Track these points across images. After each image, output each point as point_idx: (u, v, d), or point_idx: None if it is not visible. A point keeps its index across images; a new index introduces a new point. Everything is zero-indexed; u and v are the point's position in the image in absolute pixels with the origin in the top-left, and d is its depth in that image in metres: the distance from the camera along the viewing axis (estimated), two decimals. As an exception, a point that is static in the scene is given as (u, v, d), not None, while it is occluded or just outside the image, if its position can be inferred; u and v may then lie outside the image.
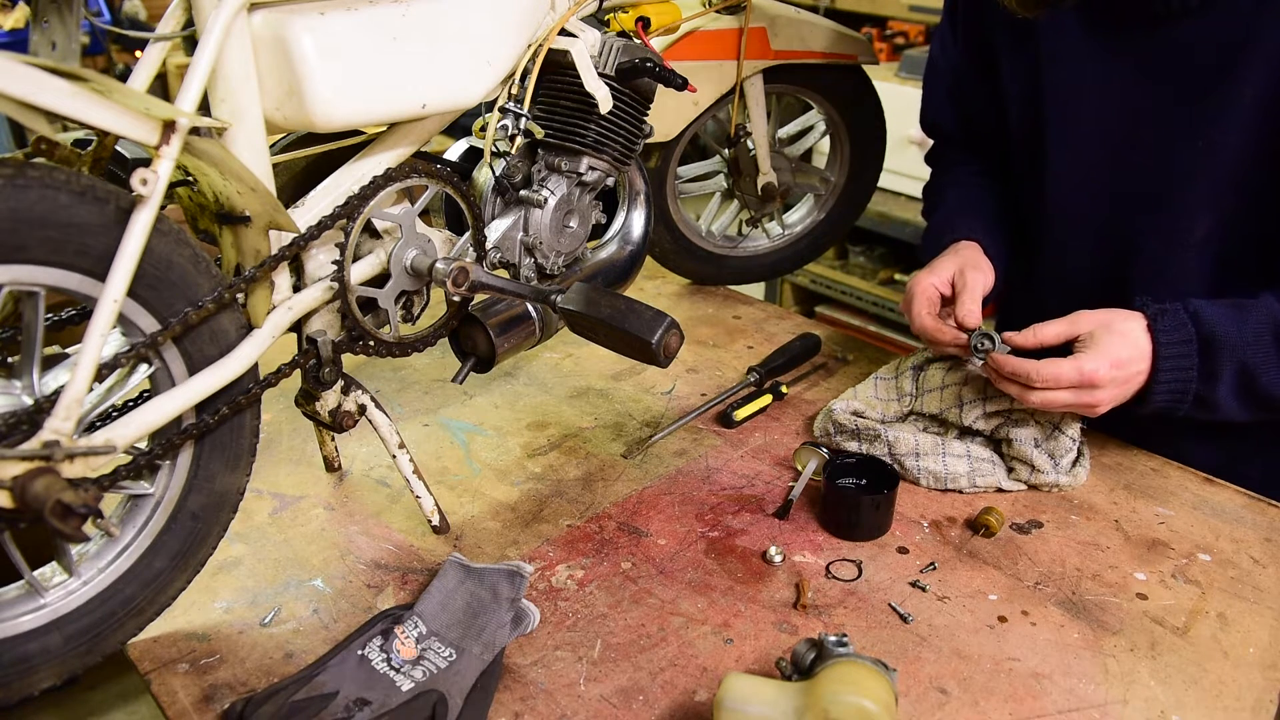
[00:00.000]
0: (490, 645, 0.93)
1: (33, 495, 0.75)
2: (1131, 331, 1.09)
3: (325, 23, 0.87)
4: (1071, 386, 1.08)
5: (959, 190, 1.44)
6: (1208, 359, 1.08)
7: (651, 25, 1.21)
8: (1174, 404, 1.11)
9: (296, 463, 1.24)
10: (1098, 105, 1.20)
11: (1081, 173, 1.24)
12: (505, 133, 1.05)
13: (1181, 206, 1.17)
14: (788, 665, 0.84)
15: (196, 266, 0.84)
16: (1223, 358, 1.08)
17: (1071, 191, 1.27)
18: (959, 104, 1.44)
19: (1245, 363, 1.08)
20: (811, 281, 3.30)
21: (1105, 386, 1.08)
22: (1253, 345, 1.08)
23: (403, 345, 1.05)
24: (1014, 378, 1.11)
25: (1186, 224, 1.17)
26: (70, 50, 0.90)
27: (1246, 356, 1.08)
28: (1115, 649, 0.95)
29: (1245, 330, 1.08)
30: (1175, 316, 1.10)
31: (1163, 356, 1.08)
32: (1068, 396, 1.09)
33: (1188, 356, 1.08)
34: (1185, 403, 1.11)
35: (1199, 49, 1.10)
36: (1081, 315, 1.12)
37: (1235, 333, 1.08)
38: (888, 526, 1.12)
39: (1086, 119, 1.22)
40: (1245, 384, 1.09)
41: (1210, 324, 1.08)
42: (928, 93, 1.50)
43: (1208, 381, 1.09)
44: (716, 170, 1.59)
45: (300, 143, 1.03)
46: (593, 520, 1.14)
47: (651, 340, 0.94)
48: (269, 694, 0.87)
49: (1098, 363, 1.07)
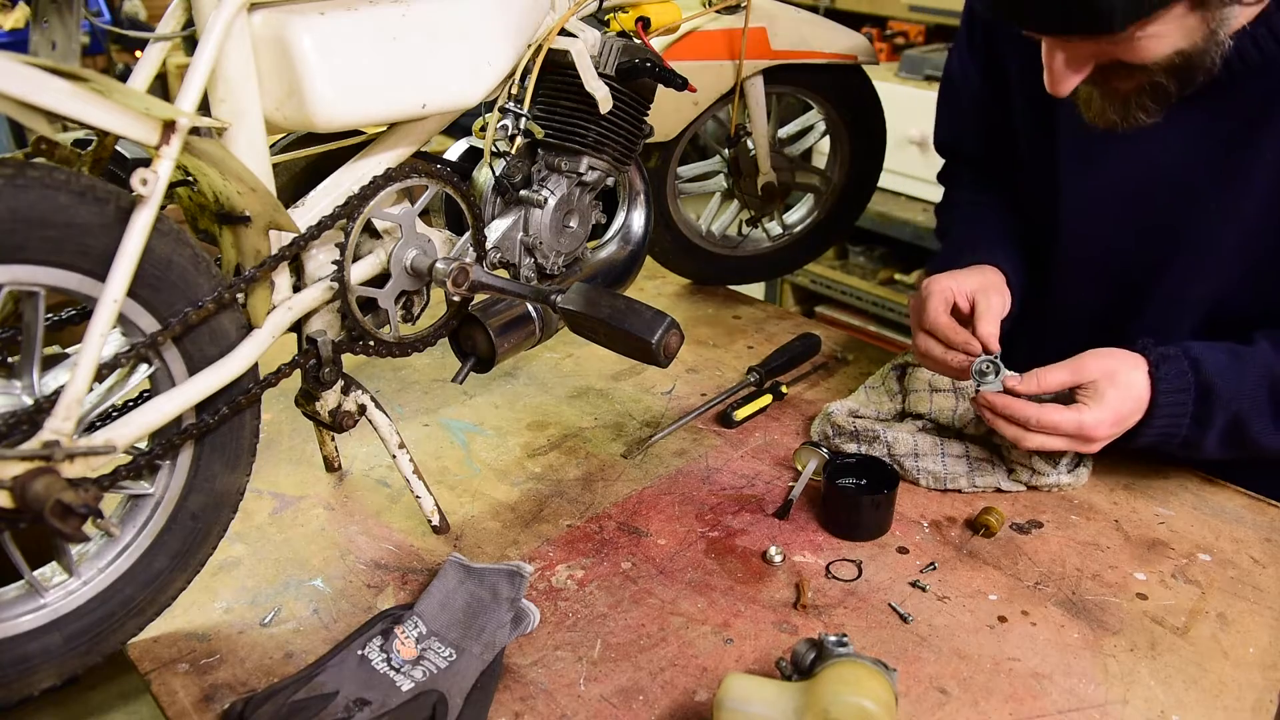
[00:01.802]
0: (490, 645, 0.93)
1: (33, 495, 0.75)
2: (1135, 384, 1.08)
3: (325, 23, 0.88)
4: (1068, 436, 1.08)
5: (977, 212, 1.40)
6: (1202, 407, 1.08)
7: (651, 25, 1.21)
8: (1161, 444, 1.11)
9: (296, 463, 1.24)
10: (1117, 161, 1.18)
11: (1096, 222, 1.22)
12: (505, 133, 1.05)
13: (1196, 265, 1.16)
14: (788, 665, 0.84)
15: (196, 266, 0.85)
16: (1217, 408, 1.07)
17: (1085, 239, 1.24)
18: (976, 125, 1.41)
19: (1238, 413, 1.08)
20: (811, 281, 3.30)
21: (1100, 439, 1.09)
22: (1248, 397, 1.08)
23: (403, 345, 1.05)
24: (1011, 420, 1.09)
25: (1199, 282, 1.16)
26: (70, 50, 0.90)
27: (1240, 408, 1.08)
28: (1115, 649, 0.95)
29: (1244, 381, 1.08)
30: (1177, 364, 1.08)
31: (1160, 404, 1.08)
32: (1062, 444, 1.09)
33: (1184, 405, 1.08)
34: (1173, 443, 1.11)
35: (1224, 114, 1.08)
36: (1085, 363, 1.09)
37: (1235, 385, 1.07)
38: (888, 526, 1.12)
39: (1103, 172, 1.20)
40: (1234, 432, 1.09)
41: (1210, 375, 1.08)
42: (944, 112, 1.47)
43: (1198, 427, 1.09)
44: (716, 170, 1.59)
45: (300, 143, 1.03)
46: (593, 520, 1.14)
47: (651, 340, 0.94)
48: (269, 694, 0.87)
49: (1100, 418, 1.06)
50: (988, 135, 1.38)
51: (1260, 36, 1.03)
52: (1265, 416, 1.08)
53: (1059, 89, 1.03)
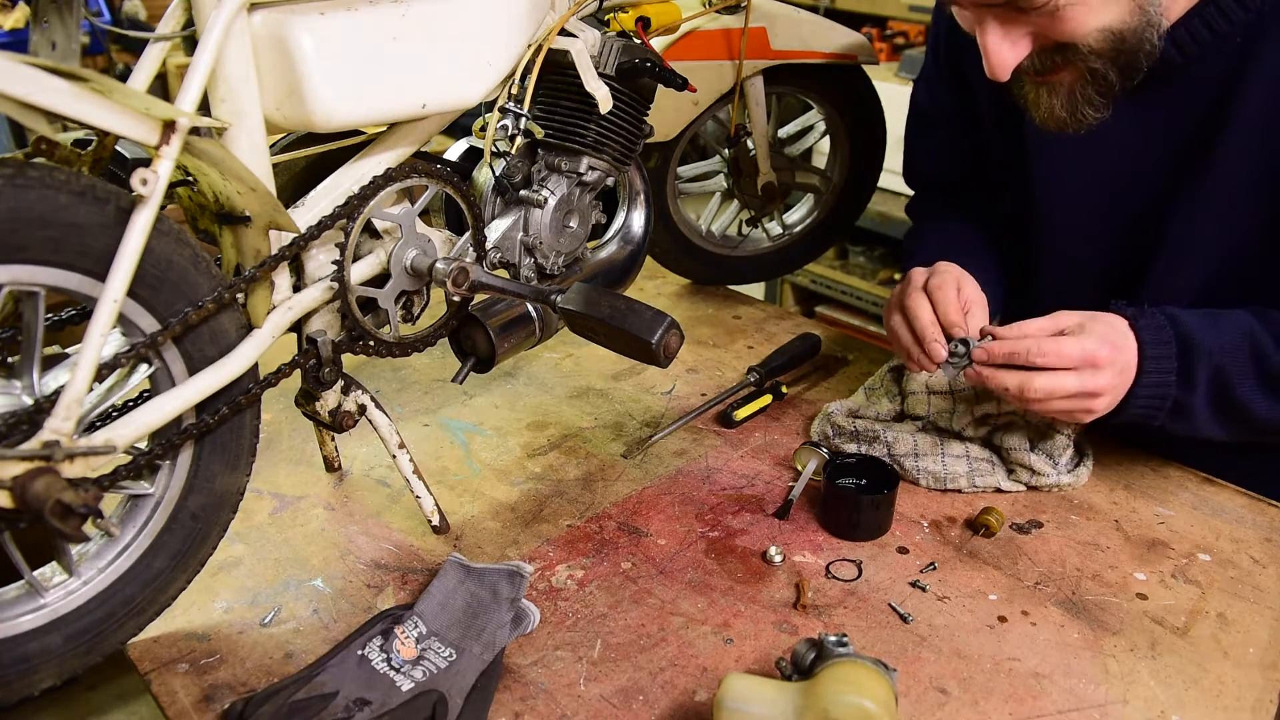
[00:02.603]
0: (490, 645, 0.93)
1: (33, 495, 0.75)
2: (1118, 323, 1.07)
3: (325, 23, 0.87)
4: (1075, 368, 1.03)
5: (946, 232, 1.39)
6: (1186, 361, 1.07)
7: (651, 25, 1.21)
8: (1153, 410, 1.09)
9: (296, 463, 1.24)
10: (1087, 165, 1.18)
11: (1074, 227, 1.22)
12: (505, 133, 1.04)
13: (1176, 261, 1.15)
14: (788, 665, 0.84)
15: (196, 266, 0.85)
16: (1199, 362, 1.06)
17: (1064, 246, 1.24)
18: (950, 149, 1.40)
19: (1220, 369, 1.06)
20: (811, 281, 3.30)
21: (1106, 369, 1.04)
22: (1229, 353, 1.06)
23: (403, 345, 1.05)
24: (1011, 360, 1.04)
25: (1182, 276, 1.16)
26: (70, 50, 0.90)
27: (1222, 363, 1.06)
28: (1115, 649, 0.95)
29: (1221, 336, 1.07)
30: (1154, 318, 1.08)
31: (1147, 356, 1.06)
32: (1072, 381, 1.03)
33: (1168, 359, 1.07)
34: (1163, 410, 1.09)
35: (1179, 109, 1.08)
36: (1062, 313, 1.08)
37: (1211, 338, 1.06)
38: (888, 526, 1.12)
39: (1075, 179, 1.19)
40: (1220, 393, 1.08)
41: (1186, 327, 1.07)
42: (914, 144, 1.47)
43: (1185, 387, 1.07)
44: (716, 170, 1.59)
45: (300, 143, 1.03)
46: (593, 520, 1.14)
47: (651, 340, 0.94)
48: (269, 694, 0.87)
49: (1098, 344, 1.04)
50: (962, 158, 1.38)
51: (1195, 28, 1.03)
52: (1249, 376, 1.07)
53: (998, 71, 1.02)
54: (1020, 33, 1.01)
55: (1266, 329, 1.08)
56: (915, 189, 1.53)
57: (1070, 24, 0.98)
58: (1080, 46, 1.00)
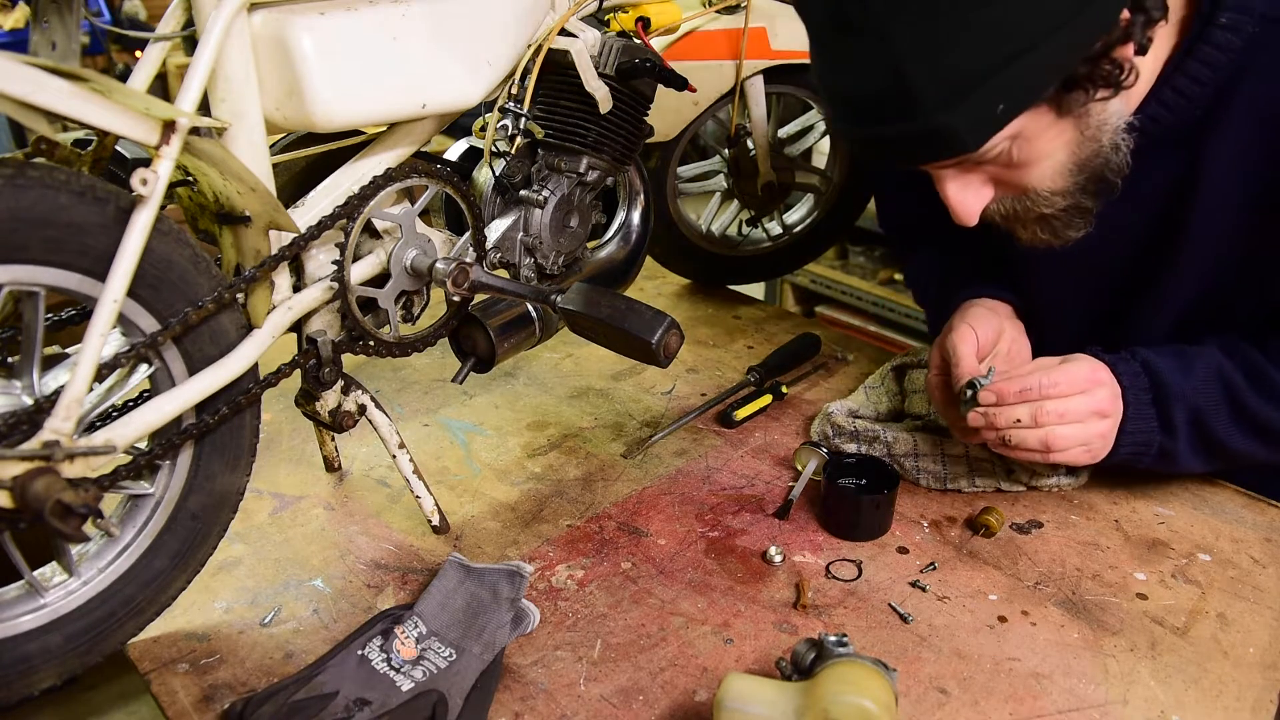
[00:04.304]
0: (490, 645, 0.93)
1: (33, 495, 0.75)
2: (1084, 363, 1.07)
3: (325, 23, 0.88)
4: (1083, 390, 1.04)
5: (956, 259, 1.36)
6: (1162, 408, 1.07)
7: (651, 25, 1.21)
8: (1138, 453, 1.09)
9: (296, 463, 1.24)
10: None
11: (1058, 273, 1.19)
12: (505, 133, 1.05)
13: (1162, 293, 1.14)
14: (788, 665, 0.84)
15: (196, 266, 0.85)
16: (1175, 406, 1.06)
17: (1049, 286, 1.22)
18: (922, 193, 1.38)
19: (1197, 410, 1.06)
20: (811, 281, 3.30)
21: (1107, 385, 1.05)
22: (1202, 394, 1.06)
23: (403, 345, 1.05)
24: (1024, 397, 1.04)
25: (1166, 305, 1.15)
26: (70, 50, 0.90)
27: (1196, 404, 1.06)
28: (1115, 649, 0.95)
29: (1192, 379, 1.06)
30: (1129, 364, 1.08)
31: (1128, 402, 1.06)
32: (1081, 402, 1.04)
33: (1147, 406, 1.07)
34: (1149, 454, 1.09)
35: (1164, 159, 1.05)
36: (1041, 359, 1.09)
37: (1182, 380, 1.06)
38: (888, 526, 1.12)
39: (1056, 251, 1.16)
40: (1199, 433, 1.07)
41: (1159, 372, 1.07)
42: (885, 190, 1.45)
43: (1167, 433, 1.07)
44: (716, 170, 1.59)
45: (300, 143, 1.03)
46: (593, 520, 1.14)
47: (651, 340, 0.94)
48: (269, 694, 0.87)
49: (1092, 367, 1.05)
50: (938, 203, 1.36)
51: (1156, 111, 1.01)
52: (1224, 415, 1.07)
53: (965, 219, 1.00)
54: (979, 180, 0.99)
55: (1236, 365, 1.07)
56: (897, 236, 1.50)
57: (1023, 168, 0.96)
58: (1040, 190, 0.98)
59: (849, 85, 0.89)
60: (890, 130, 0.88)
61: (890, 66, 0.83)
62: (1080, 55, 0.86)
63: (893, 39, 0.82)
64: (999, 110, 0.86)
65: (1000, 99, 0.85)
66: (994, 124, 0.87)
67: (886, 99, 0.86)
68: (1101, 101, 0.92)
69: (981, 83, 0.84)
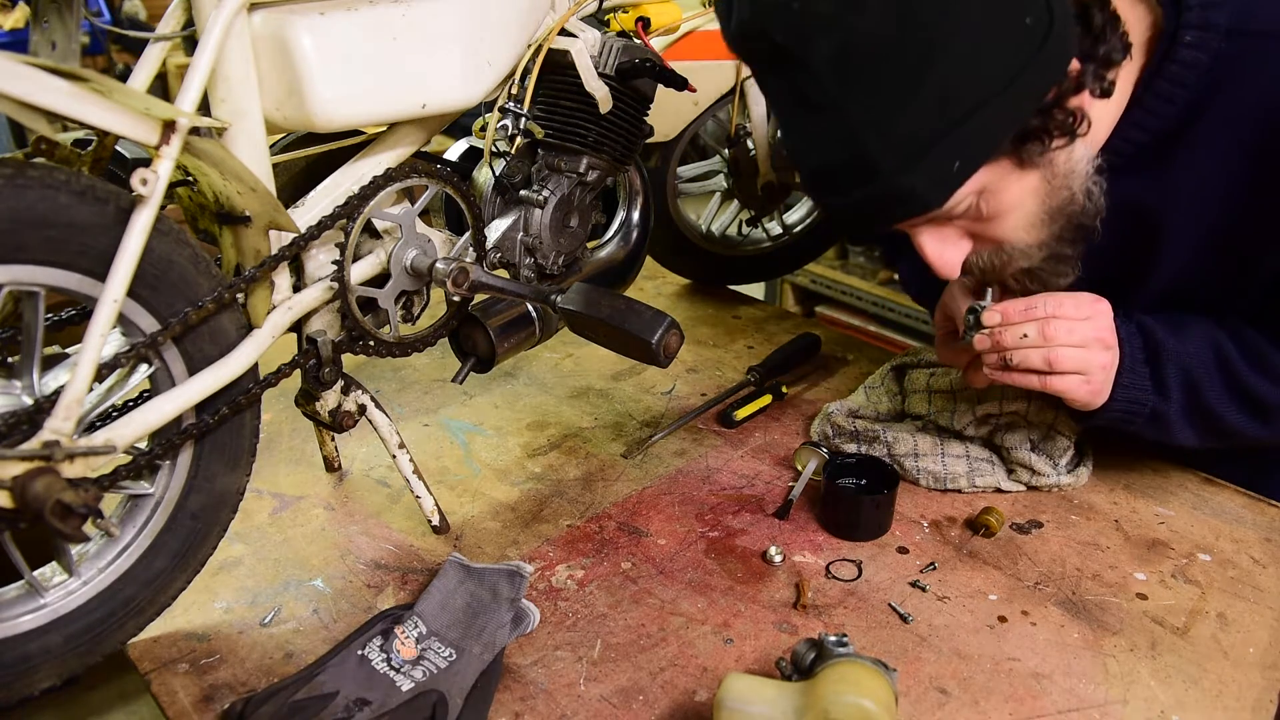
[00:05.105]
0: (490, 645, 0.93)
1: (33, 495, 0.75)
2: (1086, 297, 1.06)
3: (325, 23, 0.87)
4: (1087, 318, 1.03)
5: None
6: (1156, 368, 1.06)
7: (651, 25, 1.21)
8: (1131, 412, 1.08)
9: (296, 463, 1.24)
10: None
11: None
12: (505, 133, 1.05)
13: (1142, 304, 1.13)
14: (788, 665, 0.84)
15: (196, 266, 0.85)
16: (1169, 366, 1.06)
17: None
18: None
19: (1190, 373, 1.06)
20: (811, 281, 3.30)
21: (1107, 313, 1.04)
22: (1195, 357, 1.06)
23: (403, 345, 1.05)
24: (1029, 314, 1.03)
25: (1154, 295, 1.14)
26: (70, 50, 0.90)
27: (1190, 365, 1.06)
28: (1115, 649, 0.95)
29: (1187, 342, 1.06)
30: (1125, 324, 1.07)
31: (1123, 356, 1.06)
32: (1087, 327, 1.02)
33: (1141, 364, 1.06)
34: (1142, 415, 1.08)
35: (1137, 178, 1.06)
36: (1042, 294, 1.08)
37: (1177, 343, 1.06)
38: (888, 526, 1.12)
39: None
40: (1193, 400, 1.07)
41: (1154, 333, 1.07)
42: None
43: (1160, 393, 1.07)
44: (716, 170, 1.59)
45: (300, 143, 1.03)
46: (593, 520, 1.14)
47: (651, 340, 0.94)
48: (269, 694, 0.87)
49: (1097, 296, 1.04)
50: None
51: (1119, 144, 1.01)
52: (1217, 384, 1.07)
53: (945, 273, 1.01)
54: (955, 234, 0.99)
55: (1229, 336, 1.07)
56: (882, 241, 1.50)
57: (994, 221, 0.97)
58: (1016, 243, 0.99)
59: (815, 159, 0.92)
60: (857, 195, 0.90)
61: (847, 138, 0.87)
62: (1031, 108, 0.88)
63: (847, 111, 0.85)
64: (955, 168, 0.88)
65: (954, 157, 0.87)
66: (953, 181, 0.89)
67: (848, 168, 0.89)
68: (1063, 150, 0.94)
69: (934, 145, 0.86)
